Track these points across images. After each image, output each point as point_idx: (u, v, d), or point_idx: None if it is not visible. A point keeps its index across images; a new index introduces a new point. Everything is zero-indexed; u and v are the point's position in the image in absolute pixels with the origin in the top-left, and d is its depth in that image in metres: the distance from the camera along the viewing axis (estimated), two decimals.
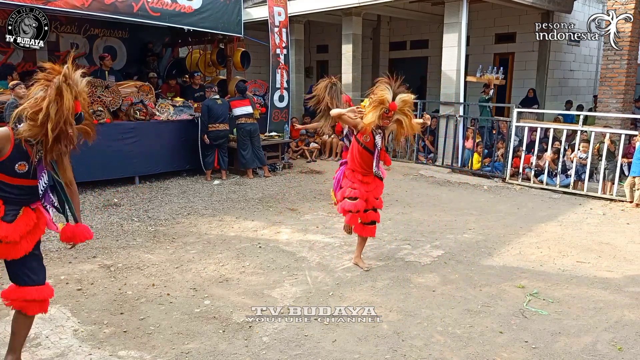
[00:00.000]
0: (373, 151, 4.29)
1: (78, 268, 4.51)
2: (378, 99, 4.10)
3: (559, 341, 3.31)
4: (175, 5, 8.28)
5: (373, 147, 4.28)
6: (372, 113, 4.06)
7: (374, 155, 4.30)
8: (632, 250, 5.19)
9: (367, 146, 4.29)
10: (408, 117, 4.16)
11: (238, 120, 8.62)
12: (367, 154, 4.32)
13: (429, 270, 4.54)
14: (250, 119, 8.67)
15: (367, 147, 4.29)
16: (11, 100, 6.47)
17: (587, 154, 7.71)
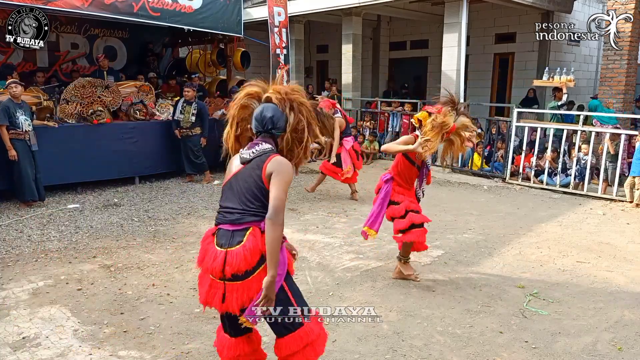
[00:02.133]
0: (422, 168, 4.15)
1: (78, 268, 4.51)
2: (442, 124, 3.94)
3: (559, 341, 3.31)
4: (175, 5, 8.28)
5: (422, 165, 4.14)
6: (434, 141, 3.91)
7: (421, 172, 4.17)
8: (632, 250, 5.19)
9: (417, 164, 4.12)
10: (461, 139, 4.10)
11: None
12: (415, 170, 4.15)
13: (429, 270, 4.54)
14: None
15: (417, 165, 4.12)
16: (6, 100, 6.35)
17: (588, 155, 7.71)
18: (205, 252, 2.34)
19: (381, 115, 10.79)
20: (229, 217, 2.31)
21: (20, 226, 5.73)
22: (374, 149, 10.27)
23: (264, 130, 2.37)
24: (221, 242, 2.29)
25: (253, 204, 2.28)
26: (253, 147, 2.37)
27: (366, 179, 8.80)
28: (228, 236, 2.28)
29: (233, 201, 2.32)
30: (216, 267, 2.26)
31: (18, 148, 6.33)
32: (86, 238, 5.36)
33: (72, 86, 7.61)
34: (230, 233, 2.28)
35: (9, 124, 6.25)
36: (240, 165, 2.37)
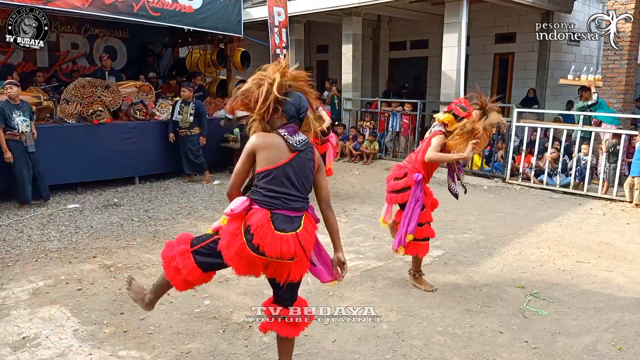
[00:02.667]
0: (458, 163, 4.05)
1: (78, 268, 4.51)
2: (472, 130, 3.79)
3: (559, 341, 3.32)
4: (175, 5, 8.28)
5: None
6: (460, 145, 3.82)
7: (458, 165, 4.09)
8: (632, 250, 5.19)
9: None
10: (488, 134, 3.95)
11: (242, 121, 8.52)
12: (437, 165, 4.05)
13: (429, 270, 4.54)
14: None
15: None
16: (2, 102, 6.30)
17: (588, 155, 7.71)
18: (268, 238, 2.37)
19: (381, 115, 10.79)
20: (291, 205, 2.44)
21: (20, 226, 5.73)
22: (374, 149, 10.27)
23: (297, 117, 2.49)
24: (282, 227, 2.40)
25: (308, 192, 2.50)
26: (294, 134, 2.46)
27: (366, 179, 8.81)
28: (289, 221, 2.42)
29: (293, 188, 2.44)
30: (289, 250, 2.39)
31: (14, 150, 6.28)
32: (86, 238, 5.36)
33: (72, 86, 7.61)
34: (290, 219, 2.43)
35: (5, 125, 6.20)
36: (290, 153, 2.43)
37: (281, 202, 2.42)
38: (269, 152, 2.42)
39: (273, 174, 2.42)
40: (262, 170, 2.43)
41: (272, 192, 2.41)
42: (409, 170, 3.97)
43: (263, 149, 2.43)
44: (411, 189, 3.90)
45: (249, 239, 2.39)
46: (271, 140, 2.44)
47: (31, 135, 6.41)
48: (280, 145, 2.43)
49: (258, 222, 2.38)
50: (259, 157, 2.44)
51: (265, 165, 2.42)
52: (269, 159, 2.42)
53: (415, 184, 3.89)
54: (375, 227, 5.84)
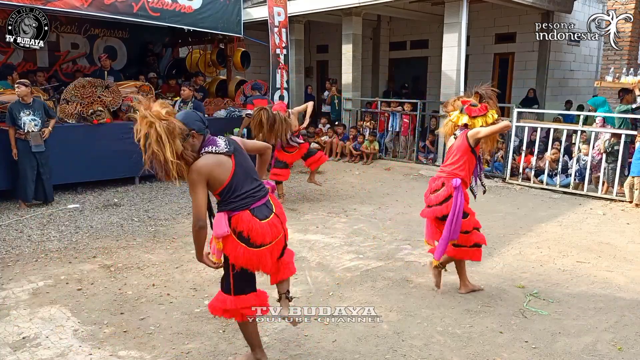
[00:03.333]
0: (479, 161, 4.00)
1: (78, 268, 4.51)
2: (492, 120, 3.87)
3: (559, 341, 3.32)
4: (175, 5, 8.28)
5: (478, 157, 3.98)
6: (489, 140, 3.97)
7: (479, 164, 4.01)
8: (632, 250, 5.19)
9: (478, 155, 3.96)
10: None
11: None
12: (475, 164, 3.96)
13: (429, 270, 4.54)
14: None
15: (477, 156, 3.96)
16: (13, 102, 6.44)
17: (588, 155, 7.71)
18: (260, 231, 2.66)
19: (381, 115, 10.79)
20: (258, 194, 2.73)
21: (20, 226, 5.73)
22: (374, 149, 10.27)
23: (205, 126, 2.72)
24: (264, 216, 2.71)
25: (259, 176, 2.83)
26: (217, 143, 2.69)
27: (366, 179, 8.81)
28: (265, 208, 2.73)
29: (251, 182, 2.73)
30: (279, 229, 2.78)
31: (19, 148, 6.39)
32: (86, 238, 5.36)
33: (72, 86, 7.61)
34: (265, 205, 2.74)
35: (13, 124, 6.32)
36: (229, 158, 2.67)
37: (251, 198, 2.70)
38: (218, 171, 2.63)
39: (234, 183, 2.66)
40: (222, 187, 2.66)
41: (241, 195, 2.67)
42: (445, 179, 3.85)
43: (211, 172, 2.62)
44: (452, 198, 3.77)
45: (247, 242, 2.65)
46: (211, 161, 2.62)
47: (38, 135, 6.42)
48: (222, 160, 2.65)
49: (246, 224, 2.65)
50: (213, 181, 2.64)
51: (222, 181, 2.64)
52: (222, 175, 2.64)
53: (456, 191, 3.77)
54: (375, 227, 5.84)
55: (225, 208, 2.68)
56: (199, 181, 2.59)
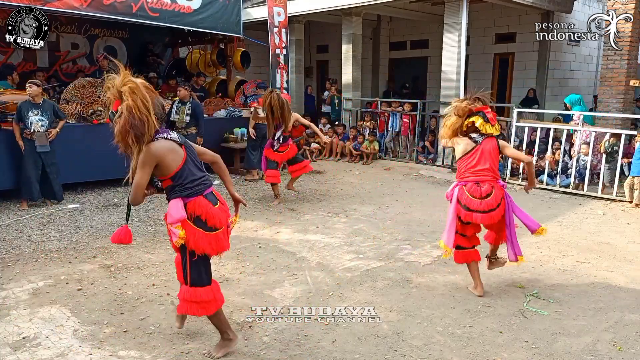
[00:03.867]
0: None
1: (78, 268, 4.51)
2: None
3: (559, 341, 3.32)
4: (174, 6, 8.28)
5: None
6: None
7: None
8: (632, 250, 5.19)
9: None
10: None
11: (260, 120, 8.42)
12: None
13: (429, 270, 4.54)
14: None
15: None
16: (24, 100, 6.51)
17: (588, 156, 7.71)
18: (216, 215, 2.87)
19: (381, 115, 10.79)
20: (207, 183, 2.93)
21: (20, 226, 5.73)
22: (374, 149, 10.27)
23: (164, 114, 2.97)
24: (215, 201, 2.93)
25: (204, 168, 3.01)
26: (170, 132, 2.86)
27: (366, 179, 8.81)
28: (214, 196, 2.95)
29: (200, 171, 2.92)
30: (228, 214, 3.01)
31: (25, 146, 6.46)
32: (86, 238, 5.36)
33: (72, 86, 7.62)
34: (212, 193, 2.95)
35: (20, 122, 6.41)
36: (180, 147, 2.84)
37: (203, 185, 2.89)
38: (171, 157, 2.76)
39: (186, 170, 2.82)
40: (175, 172, 2.79)
41: (194, 181, 2.84)
42: (491, 182, 3.91)
43: (165, 156, 2.74)
44: (504, 199, 3.91)
45: (204, 226, 2.83)
46: (166, 146, 2.76)
47: (44, 136, 6.44)
48: (174, 147, 2.80)
49: (204, 208, 2.84)
50: (163, 164, 2.75)
51: (175, 166, 2.78)
52: (174, 162, 2.77)
53: (505, 193, 3.95)
54: (375, 227, 5.85)
55: (180, 194, 2.81)
56: (149, 162, 2.70)
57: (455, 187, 4.00)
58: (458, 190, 3.95)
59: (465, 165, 3.97)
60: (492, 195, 3.86)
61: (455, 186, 4.02)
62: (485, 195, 3.85)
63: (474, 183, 3.89)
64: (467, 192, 3.89)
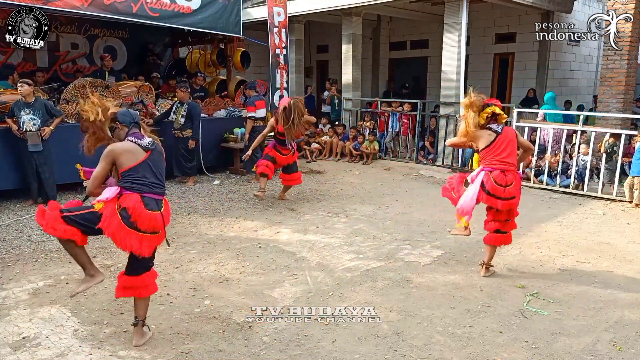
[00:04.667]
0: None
1: (78, 268, 4.49)
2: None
3: (559, 341, 3.32)
4: (174, 6, 8.27)
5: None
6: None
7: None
8: (632, 250, 5.19)
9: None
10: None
11: (256, 122, 8.36)
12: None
13: (429, 270, 4.54)
14: (263, 121, 8.43)
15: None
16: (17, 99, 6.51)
17: (588, 156, 7.71)
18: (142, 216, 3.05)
19: (381, 116, 10.79)
20: (156, 190, 3.18)
21: (20, 226, 5.73)
22: (374, 149, 10.27)
23: (134, 122, 3.27)
24: (151, 207, 3.10)
25: (164, 180, 3.31)
26: (142, 138, 3.22)
27: (366, 179, 8.81)
28: (155, 203, 3.14)
29: (154, 178, 3.19)
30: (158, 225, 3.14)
31: (20, 147, 6.48)
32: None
33: (72, 86, 7.61)
34: (156, 201, 3.16)
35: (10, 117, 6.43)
36: (144, 152, 3.16)
37: (148, 187, 3.12)
38: (127, 156, 3.11)
39: (138, 169, 3.11)
40: (127, 168, 3.11)
41: (141, 180, 3.11)
42: (513, 172, 4.20)
43: (121, 154, 3.11)
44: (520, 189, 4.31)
45: (125, 217, 3.02)
46: (126, 146, 3.15)
47: (35, 135, 6.40)
48: (132, 148, 3.15)
49: (133, 203, 3.03)
50: (119, 161, 3.11)
51: (128, 164, 3.11)
52: (129, 159, 3.11)
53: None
54: (375, 227, 5.84)
55: (122, 184, 3.12)
56: (106, 158, 3.11)
57: (481, 172, 4.22)
58: (484, 175, 4.18)
59: (492, 154, 4.19)
60: (514, 184, 4.15)
61: (480, 170, 4.24)
62: (509, 184, 4.13)
63: (500, 171, 4.14)
64: (492, 179, 4.13)
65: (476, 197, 4.17)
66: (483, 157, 4.28)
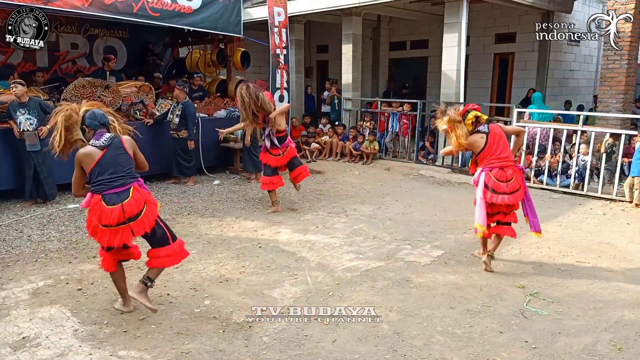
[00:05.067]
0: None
1: (78, 268, 4.51)
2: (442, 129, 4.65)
3: (559, 341, 3.32)
4: (174, 6, 8.27)
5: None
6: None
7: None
8: (632, 250, 5.19)
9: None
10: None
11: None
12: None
13: (429, 270, 4.54)
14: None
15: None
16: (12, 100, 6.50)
17: (588, 156, 7.71)
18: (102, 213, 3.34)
19: (381, 116, 10.79)
20: (114, 184, 3.39)
21: (20, 226, 5.73)
22: (374, 149, 10.27)
23: (100, 124, 3.51)
24: (112, 202, 3.35)
25: (127, 170, 3.48)
26: (100, 138, 3.46)
27: (366, 179, 8.81)
28: (116, 197, 3.36)
29: (112, 174, 3.40)
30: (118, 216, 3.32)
31: (19, 147, 6.49)
32: (86, 238, 5.35)
33: (72, 86, 7.61)
34: (117, 194, 3.37)
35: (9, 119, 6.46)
36: (99, 151, 3.41)
37: (105, 186, 3.38)
38: (86, 160, 3.41)
39: (95, 172, 3.40)
40: (88, 172, 3.43)
41: (99, 181, 3.40)
42: (512, 166, 4.42)
43: (82, 159, 3.42)
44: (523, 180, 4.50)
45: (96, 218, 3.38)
46: (85, 151, 3.43)
47: (33, 135, 6.41)
48: (91, 151, 3.41)
49: (93, 205, 3.40)
50: (84, 165, 3.43)
51: (88, 168, 3.42)
52: (88, 163, 3.41)
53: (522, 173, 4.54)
54: (375, 227, 5.85)
55: (91, 189, 3.45)
56: (77, 163, 3.44)
57: (482, 173, 4.42)
58: (485, 176, 4.39)
59: (489, 155, 4.41)
60: (514, 178, 4.37)
61: (481, 172, 4.43)
62: (510, 179, 4.34)
63: (499, 168, 4.36)
64: (493, 177, 4.35)
65: (484, 202, 4.37)
66: (481, 159, 4.47)
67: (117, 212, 3.32)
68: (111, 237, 3.35)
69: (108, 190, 3.37)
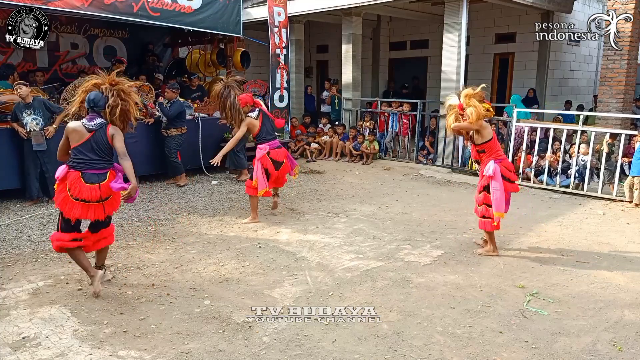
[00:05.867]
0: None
1: (78, 268, 4.50)
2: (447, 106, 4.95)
3: (559, 341, 3.32)
4: (175, 5, 8.28)
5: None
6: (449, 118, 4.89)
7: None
8: (632, 250, 5.19)
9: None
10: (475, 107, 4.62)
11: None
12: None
13: (429, 270, 4.55)
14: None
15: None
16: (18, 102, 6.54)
17: (588, 156, 7.71)
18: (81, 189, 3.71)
19: (381, 116, 10.79)
20: (95, 166, 3.77)
21: (20, 226, 5.73)
22: (373, 148, 10.27)
23: (91, 108, 3.81)
24: (91, 181, 3.73)
25: (108, 156, 3.85)
26: (92, 120, 3.80)
27: (366, 179, 8.81)
28: (95, 177, 3.75)
29: (94, 155, 3.77)
30: (96, 195, 3.73)
31: (24, 147, 6.52)
32: None
33: (72, 86, 7.61)
34: (96, 175, 3.76)
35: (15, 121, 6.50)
36: (88, 133, 3.76)
37: (87, 165, 3.74)
38: (73, 135, 3.76)
39: (79, 148, 3.74)
40: (73, 146, 3.77)
41: (81, 159, 3.74)
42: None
43: (70, 133, 3.77)
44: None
45: (69, 191, 3.72)
46: (74, 126, 3.77)
47: (39, 134, 6.45)
48: (80, 129, 3.76)
49: (72, 179, 3.72)
50: (70, 138, 3.78)
51: (74, 143, 3.76)
52: (75, 139, 3.76)
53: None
54: (375, 227, 5.85)
55: (69, 164, 3.77)
56: (65, 133, 3.80)
57: (495, 165, 4.65)
58: (500, 168, 4.65)
59: (497, 145, 4.77)
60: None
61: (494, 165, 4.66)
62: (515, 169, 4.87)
63: (506, 159, 4.81)
64: (506, 167, 4.70)
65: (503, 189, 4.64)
66: (489, 149, 4.69)
67: (96, 190, 3.72)
68: (83, 211, 3.72)
69: (88, 169, 3.73)
